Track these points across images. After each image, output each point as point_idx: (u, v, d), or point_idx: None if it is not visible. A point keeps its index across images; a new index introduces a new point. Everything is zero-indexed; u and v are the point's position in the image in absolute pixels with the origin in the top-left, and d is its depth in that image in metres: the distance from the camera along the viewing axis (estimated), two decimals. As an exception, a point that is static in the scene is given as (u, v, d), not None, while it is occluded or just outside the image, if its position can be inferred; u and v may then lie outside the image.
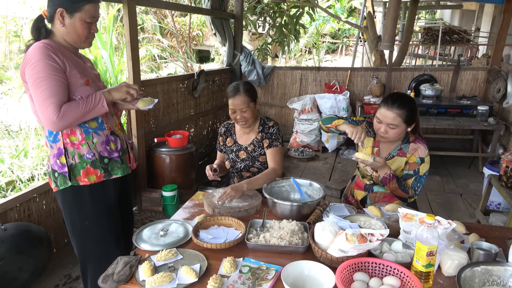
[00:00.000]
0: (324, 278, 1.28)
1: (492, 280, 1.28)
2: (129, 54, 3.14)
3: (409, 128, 1.94)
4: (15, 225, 2.29)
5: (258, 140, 2.22)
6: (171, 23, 9.53)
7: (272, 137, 2.19)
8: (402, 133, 1.94)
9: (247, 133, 2.26)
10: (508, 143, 4.29)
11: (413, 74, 5.19)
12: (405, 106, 1.87)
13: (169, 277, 1.30)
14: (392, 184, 1.93)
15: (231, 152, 2.29)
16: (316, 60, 12.22)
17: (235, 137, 2.31)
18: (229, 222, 1.69)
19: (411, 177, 1.96)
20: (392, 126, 1.89)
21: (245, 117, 2.13)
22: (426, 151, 1.96)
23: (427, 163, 1.96)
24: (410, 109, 1.88)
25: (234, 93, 2.12)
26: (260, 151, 2.22)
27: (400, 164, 1.99)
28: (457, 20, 10.49)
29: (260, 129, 2.23)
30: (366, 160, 1.87)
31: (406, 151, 1.98)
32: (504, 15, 4.63)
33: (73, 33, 1.66)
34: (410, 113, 1.88)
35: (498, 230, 1.72)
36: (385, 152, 2.05)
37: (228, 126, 2.35)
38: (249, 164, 2.23)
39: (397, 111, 1.87)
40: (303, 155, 5.13)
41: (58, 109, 1.55)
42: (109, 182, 1.81)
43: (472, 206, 3.66)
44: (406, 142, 1.99)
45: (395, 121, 1.88)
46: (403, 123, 1.89)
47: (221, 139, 2.36)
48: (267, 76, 5.60)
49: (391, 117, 1.88)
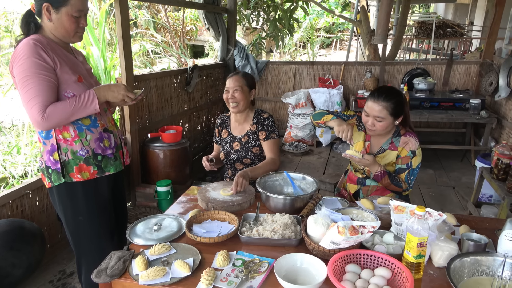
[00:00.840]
0: (317, 270, 1.30)
1: (481, 270, 1.30)
2: (121, 49, 3.12)
3: (397, 121, 1.95)
4: (8, 222, 2.28)
5: (252, 131, 2.25)
6: (164, 18, 9.46)
7: (269, 129, 2.23)
8: (389, 126, 1.95)
9: (241, 124, 2.30)
10: (500, 136, 4.33)
11: (406, 68, 5.21)
12: (391, 98, 1.88)
13: (163, 271, 1.31)
14: (384, 180, 1.95)
15: (225, 144, 2.33)
16: (310, 54, 12.22)
17: (229, 129, 2.35)
18: (223, 216, 1.70)
19: (404, 171, 1.97)
20: (378, 119, 1.90)
21: (236, 98, 2.18)
22: (417, 144, 1.97)
23: (419, 155, 1.97)
24: (396, 102, 1.89)
25: (232, 74, 2.25)
26: (254, 143, 2.25)
27: (391, 158, 2.00)
28: (451, 14, 10.53)
29: (255, 120, 2.26)
30: (355, 156, 1.90)
31: (397, 144, 1.99)
32: (496, 8, 4.65)
33: (61, 28, 1.64)
34: (396, 106, 1.89)
35: (488, 221, 1.74)
36: (376, 146, 2.06)
37: (224, 118, 2.40)
38: (243, 155, 2.26)
39: (383, 104, 1.88)
40: (297, 149, 5.14)
41: (43, 109, 1.54)
42: (102, 178, 1.80)
43: (464, 199, 3.70)
44: (397, 136, 2.00)
45: (381, 113, 1.89)
46: (390, 115, 1.90)
47: (217, 131, 2.41)
48: (261, 71, 5.59)
49: (377, 109, 1.89)
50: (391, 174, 1.96)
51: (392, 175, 1.96)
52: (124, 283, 1.32)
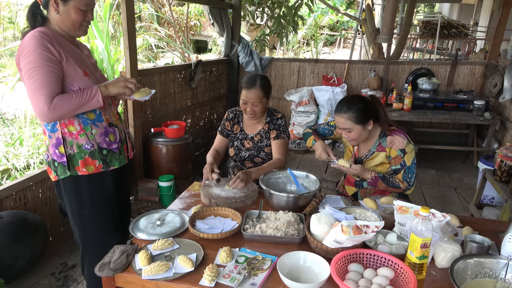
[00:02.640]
0: (319, 269, 1.30)
1: (484, 272, 1.30)
2: (126, 43, 3.11)
3: (369, 126, 1.91)
4: (11, 213, 2.29)
5: (265, 130, 2.23)
6: (168, 12, 9.43)
7: (280, 129, 2.21)
8: (363, 133, 1.92)
9: (254, 123, 2.26)
10: (503, 138, 4.32)
11: (410, 67, 5.19)
12: (350, 108, 1.87)
13: (166, 266, 1.31)
14: (380, 185, 1.95)
15: (236, 140, 2.29)
16: (314, 52, 12.19)
17: (242, 125, 2.30)
18: (226, 213, 1.70)
19: (399, 171, 1.95)
20: (347, 130, 1.91)
21: (255, 111, 2.13)
22: (405, 141, 1.92)
23: (410, 152, 1.92)
24: (357, 110, 1.86)
25: (250, 85, 2.09)
26: (267, 142, 2.23)
27: (381, 159, 1.99)
28: (456, 14, 10.47)
29: (268, 120, 2.23)
30: (343, 166, 1.90)
31: (384, 145, 1.97)
32: (502, 9, 4.62)
33: (68, 20, 1.63)
34: (359, 114, 1.87)
35: (491, 223, 1.74)
36: (364, 150, 2.05)
37: (236, 113, 2.32)
38: (254, 154, 2.24)
39: (344, 115, 1.88)
40: (299, 147, 5.14)
41: (49, 100, 1.53)
42: (107, 172, 1.80)
43: (466, 200, 3.70)
44: (383, 136, 1.98)
45: (346, 125, 1.89)
46: (356, 124, 1.88)
47: (228, 124, 2.31)
48: (265, 68, 5.58)
49: (341, 122, 1.90)
50: (385, 176, 1.94)
51: (385, 177, 1.94)
52: (127, 277, 1.33)
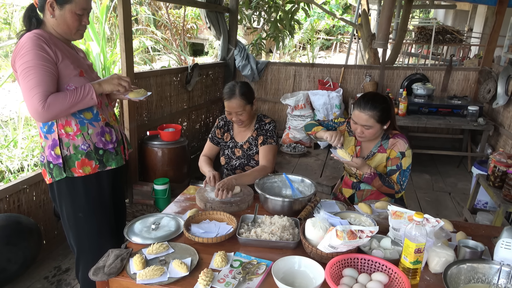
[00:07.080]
0: (314, 273, 1.30)
1: (477, 278, 1.31)
2: (123, 45, 3.10)
3: (385, 126, 1.95)
4: (4, 216, 2.27)
5: (253, 137, 2.20)
6: (165, 15, 9.44)
7: (267, 134, 2.17)
8: (378, 132, 1.96)
9: (243, 131, 2.25)
10: (497, 144, 4.36)
11: (405, 73, 5.23)
12: (376, 107, 1.88)
13: (160, 271, 1.31)
14: (375, 182, 1.96)
15: (227, 148, 2.28)
16: (310, 56, 12.24)
17: (232, 133, 2.28)
18: (221, 217, 1.70)
19: (395, 172, 1.98)
20: (366, 127, 1.92)
21: (241, 119, 2.12)
22: (406, 145, 1.98)
23: (409, 157, 1.97)
24: (382, 109, 1.89)
25: (229, 95, 2.07)
26: (256, 150, 2.20)
27: (381, 160, 2.02)
28: (451, 20, 10.57)
29: (256, 126, 2.21)
30: (344, 158, 1.91)
31: (386, 147, 2.01)
32: (496, 16, 4.68)
33: (63, 24, 1.64)
34: (382, 113, 1.89)
35: (485, 228, 1.75)
36: (366, 150, 2.08)
37: (227, 121, 2.29)
38: (244, 162, 2.22)
39: (369, 113, 1.88)
40: (295, 151, 5.15)
41: (44, 99, 1.52)
42: (103, 173, 1.80)
43: (460, 205, 3.72)
44: (386, 138, 2.02)
45: (368, 122, 1.90)
46: (377, 123, 1.91)
47: (218, 132, 2.30)
48: (261, 71, 5.59)
49: (364, 118, 1.90)
50: (382, 175, 1.97)
51: (383, 176, 1.97)
52: (121, 282, 1.32)
